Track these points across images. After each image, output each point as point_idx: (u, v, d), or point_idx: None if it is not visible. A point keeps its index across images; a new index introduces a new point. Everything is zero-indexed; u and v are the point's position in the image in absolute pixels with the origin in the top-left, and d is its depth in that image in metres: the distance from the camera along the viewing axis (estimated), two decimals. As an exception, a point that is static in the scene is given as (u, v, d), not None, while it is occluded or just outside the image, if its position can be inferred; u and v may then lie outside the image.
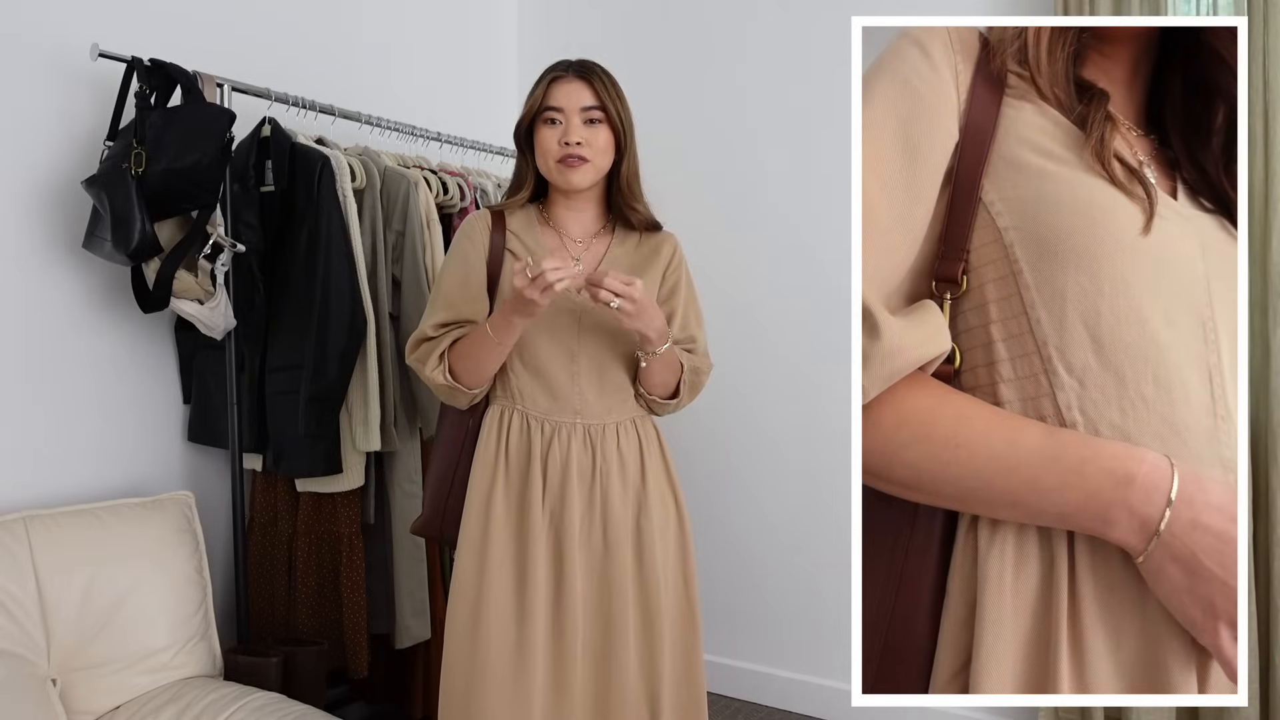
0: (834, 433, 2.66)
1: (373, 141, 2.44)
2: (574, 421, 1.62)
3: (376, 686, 2.38)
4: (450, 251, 1.72)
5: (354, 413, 2.12)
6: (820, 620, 2.73)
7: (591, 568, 1.61)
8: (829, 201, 2.67)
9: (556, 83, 1.62)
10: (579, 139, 1.59)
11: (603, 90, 1.61)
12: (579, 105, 1.60)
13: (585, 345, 1.63)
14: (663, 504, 1.68)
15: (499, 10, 3.22)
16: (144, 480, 2.13)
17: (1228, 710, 2.11)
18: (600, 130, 1.61)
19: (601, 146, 1.61)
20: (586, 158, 1.60)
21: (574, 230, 1.70)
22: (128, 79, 1.90)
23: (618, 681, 1.59)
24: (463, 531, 1.62)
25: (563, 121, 1.60)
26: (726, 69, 2.87)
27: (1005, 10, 2.44)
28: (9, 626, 1.63)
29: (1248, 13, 2.05)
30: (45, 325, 1.95)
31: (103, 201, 1.81)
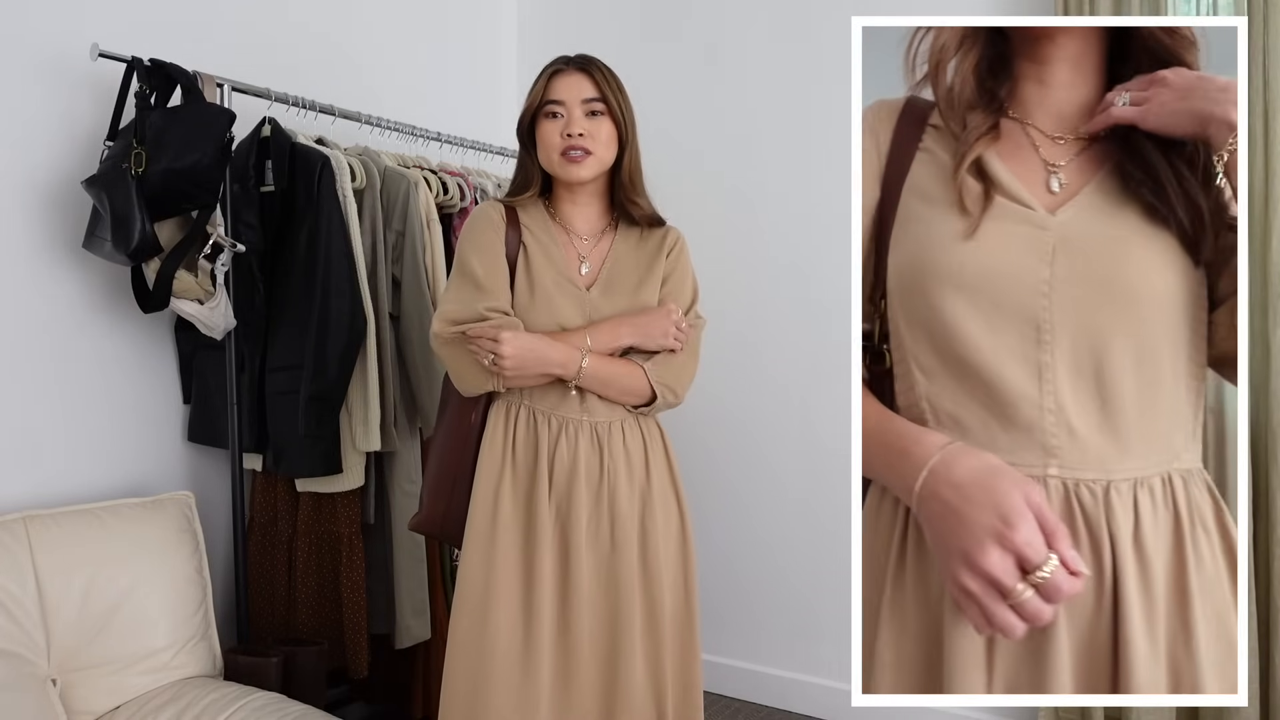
0: (833, 433, 2.66)
1: (373, 141, 2.44)
2: (580, 419, 1.62)
3: (376, 686, 2.38)
4: (472, 240, 1.64)
5: (354, 413, 2.13)
6: (820, 620, 2.74)
7: (598, 566, 1.60)
8: (829, 201, 2.67)
9: (557, 76, 1.62)
10: (581, 130, 1.59)
11: (603, 83, 1.61)
12: (580, 97, 1.60)
13: None
14: (665, 503, 1.68)
15: (499, 10, 3.22)
16: (144, 480, 2.14)
17: (1228, 710, 2.11)
18: (602, 122, 1.61)
19: (604, 139, 1.61)
20: (589, 150, 1.59)
21: (580, 227, 1.69)
22: (128, 79, 1.90)
23: (625, 680, 1.58)
24: (469, 528, 1.61)
25: (564, 115, 1.60)
26: (726, 70, 2.87)
27: (1005, 10, 2.44)
28: (9, 626, 1.63)
29: (1248, 13, 2.05)
30: (45, 325, 1.95)
31: (103, 201, 1.81)
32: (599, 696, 1.60)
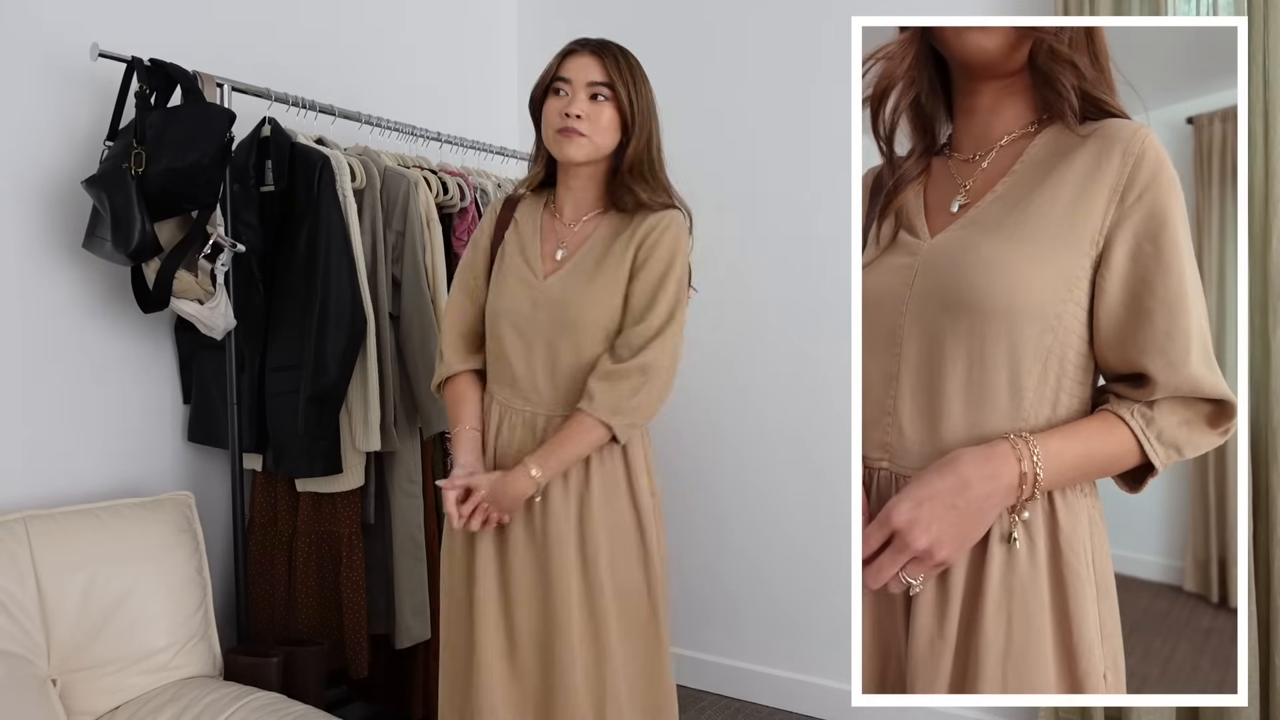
0: (834, 432, 2.66)
1: (373, 141, 2.44)
2: (523, 409, 1.62)
3: (376, 686, 2.38)
4: (470, 243, 1.78)
5: (354, 413, 2.13)
6: (820, 620, 2.74)
7: (533, 561, 1.60)
8: (829, 200, 2.67)
9: (570, 56, 1.63)
10: (579, 112, 1.57)
11: (614, 68, 1.60)
12: (586, 79, 1.59)
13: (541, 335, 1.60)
14: (612, 505, 1.61)
15: (499, 10, 3.22)
16: (144, 480, 2.14)
17: (1228, 710, 2.11)
18: (605, 108, 1.59)
19: (603, 124, 1.59)
20: (583, 132, 1.57)
21: (568, 212, 1.68)
22: (128, 79, 1.90)
23: (562, 676, 1.56)
24: None
25: (569, 93, 1.60)
26: (726, 69, 2.87)
27: (1005, 10, 2.44)
28: (9, 626, 1.63)
29: (1248, 13, 2.05)
30: (45, 325, 1.95)
31: (103, 201, 1.81)
32: (540, 690, 1.60)
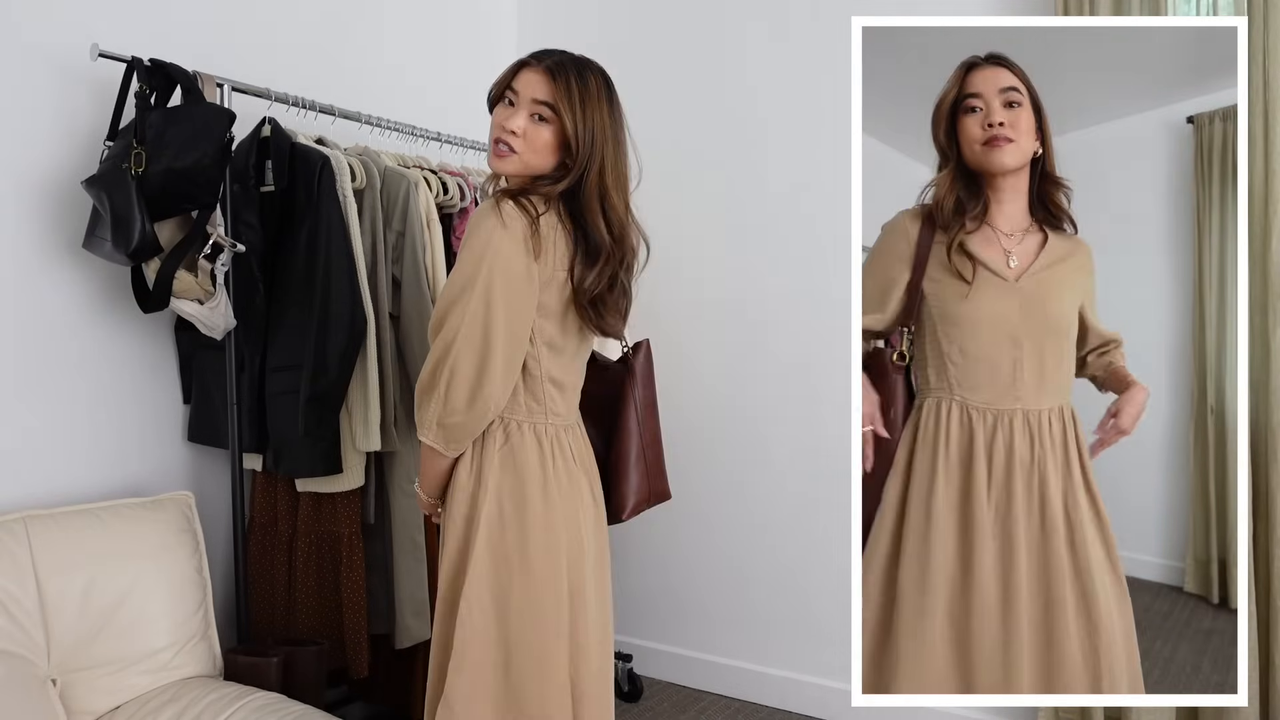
0: (833, 432, 2.66)
1: (373, 141, 2.44)
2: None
3: (376, 686, 2.38)
4: None
5: (354, 413, 2.13)
6: (820, 620, 2.74)
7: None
8: (829, 199, 2.67)
9: (524, 69, 1.57)
10: (516, 128, 1.53)
11: (563, 91, 1.53)
12: (531, 96, 1.54)
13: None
14: None
15: (499, 10, 3.22)
16: (144, 480, 2.14)
17: (1228, 710, 2.11)
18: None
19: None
20: (515, 149, 1.54)
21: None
22: (128, 79, 1.90)
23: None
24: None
25: (515, 105, 1.56)
26: (726, 69, 2.87)
27: (1005, 10, 2.44)
28: (9, 626, 1.63)
29: (1248, 13, 2.05)
30: (45, 325, 1.95)
31: (103, 201, 1.81)
32: None
